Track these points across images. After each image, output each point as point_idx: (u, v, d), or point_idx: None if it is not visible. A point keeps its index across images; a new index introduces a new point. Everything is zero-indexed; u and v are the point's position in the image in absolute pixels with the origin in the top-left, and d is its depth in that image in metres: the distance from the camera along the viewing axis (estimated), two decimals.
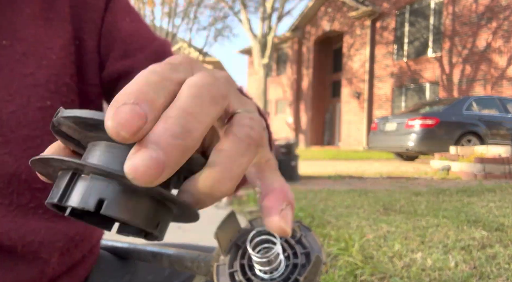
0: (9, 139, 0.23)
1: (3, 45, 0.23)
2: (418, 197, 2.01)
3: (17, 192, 0.23)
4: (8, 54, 0.23)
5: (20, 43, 0.23)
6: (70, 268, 0.28)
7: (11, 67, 0.23)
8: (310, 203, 1.78)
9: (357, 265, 0.89)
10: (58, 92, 0.24)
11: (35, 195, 0.24)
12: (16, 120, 0.23)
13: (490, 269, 0.84)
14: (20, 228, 0.23)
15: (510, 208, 1.61)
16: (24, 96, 0.23)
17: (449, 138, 4.52)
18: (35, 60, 0.23)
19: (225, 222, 0.24)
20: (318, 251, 0.23)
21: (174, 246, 0.34)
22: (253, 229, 0.24)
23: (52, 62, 0.24)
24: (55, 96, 0.24)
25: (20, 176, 0.23)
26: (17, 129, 0.23)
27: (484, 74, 7.26)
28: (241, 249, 0.24)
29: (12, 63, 0.23)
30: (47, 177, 0.12)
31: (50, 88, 0.24)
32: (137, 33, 0.28)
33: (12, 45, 0.23)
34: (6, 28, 0.23)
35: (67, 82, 0.25)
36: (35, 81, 0.23)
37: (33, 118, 0.23)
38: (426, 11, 8.44)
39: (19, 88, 0.23)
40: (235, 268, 0.23)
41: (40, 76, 0.23)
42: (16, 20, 0.23)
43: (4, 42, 0.23)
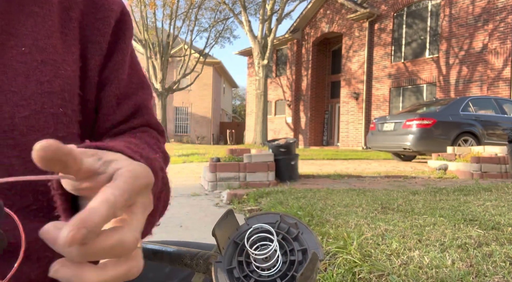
0: (19, 143, 0.23)
1: (22, 52, 0.24)
2: (416, 196, 2.02)
3: (21, 193, 0.24)
4: (26, 61, 0.24)
5: (39, 51, 0.24)
6: None
7: (28, 73, 0.24)
8: (309, 202, 1.78)
9: (355, 263, 0.90)
10: (71, 102, 0.25)
11: (37, 197, 0.24)
12: (28, 125, 0.23)
13: (487, 267, 0.85)
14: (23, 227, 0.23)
15: (506, 206, 1.63)
16: (38, 103, 0.24)
17: (446, 138, 4.56)
18: (52, 69, 0.25)
19: (223, 219, 0.24)
20: (315, 248, 0.23)
21: (174, 244, 0.34)
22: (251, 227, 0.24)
23: (67, 73, 0.25)
24: (67, 105, 0.25)
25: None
26: (28, 134, 0.23)
27: (481, 75, 7.33)
28: (239, 246, 0.24)
29: (30, 70, 0.24)
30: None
31: (64, 97, 0.25)
32: (129, 82, 0.30)
33: (31, 53, 0.24)
34: (27, 37, 0.24)
35: (78, 93, 0.26)
36: (50, 89, 0.24)
37: (45, 124, 0.24)
38: (424, 13, 8.51)
39: (34, 95, 0.24)
40: (233, 265, 0.23)
41: (56, 84, 0.25)
42: (37, 30, 0.25)
43: (23, 49, 0.24)
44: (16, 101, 0.23)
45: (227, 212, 0.25)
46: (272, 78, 12.45)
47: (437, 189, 2.36)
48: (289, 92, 11.70)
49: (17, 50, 0.24)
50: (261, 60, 9.59)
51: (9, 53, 0.24)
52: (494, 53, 7.00)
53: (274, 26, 9.73)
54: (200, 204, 2.21)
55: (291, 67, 11.58)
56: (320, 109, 11.39)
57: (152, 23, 12.38)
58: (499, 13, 6.99)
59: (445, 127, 4.59)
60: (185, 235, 1.50)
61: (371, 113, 9.28)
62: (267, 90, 10.02)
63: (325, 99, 11.44)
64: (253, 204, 2.03)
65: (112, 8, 0.29)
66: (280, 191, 2.23)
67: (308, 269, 0.21)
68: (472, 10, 7.49)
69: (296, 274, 0.22)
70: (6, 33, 0.24)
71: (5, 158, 0.23)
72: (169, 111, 15.97)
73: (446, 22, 7.91)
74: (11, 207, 0.24)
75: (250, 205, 2.01)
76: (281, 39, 11.51)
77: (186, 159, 5.49)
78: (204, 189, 2.81)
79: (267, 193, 2.18)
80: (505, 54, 6.84)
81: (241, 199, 2.20)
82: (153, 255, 0.32)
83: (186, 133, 16.99)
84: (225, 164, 2.69)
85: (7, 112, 0.23)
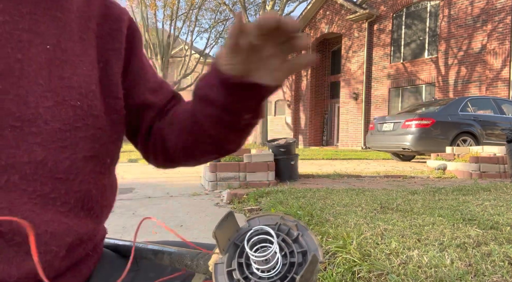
0: (42, 130, 0.25)
1: (47, 49, 0.26)
2: (415, 196, 2.03)
3: (41, 180, 0.25)
4: (50, 57, 0.26)
5: (61, 52, 0.27)
6: (74, 264, 0.29)
7: (50, 68, 0.26)
8: (309, 202, 1.79)
9: (355, 262, 0.90)
10: (87, 97, 0.28)
11: (56, 185, 0.26)
12: (51, 115, 0.26)
13: (485, 267, 0.85)
14: (36, 217, 0.25)
15: (504, 206, 1.64)
16: (60, 95, 0.26)
17: (445, 138, 4.57)
18: (71, 68, 0.28)
19: (223, 221, 0.24)
20: (315, 250, 0.23)
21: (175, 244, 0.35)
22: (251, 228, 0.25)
23: (84, 72, 0.28)
24: (84, 99, 0.28)
25: (46, 164, 0.25)
26: (51, 123, 0.26)
27: (479, 76, 7.35)
28: (239, 248, 0.24)
29: (52, 66, 0.27)
30: None
31: (81, 92, 0.28)
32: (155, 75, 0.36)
33: (54, 51, 0.27)
34: (51, 37, 0.27)
35: (93, 89, 0.29)
36: (70, 84, 0.27)
37: (66, 115, 0.26)
38: (423, 14, 8.53)
39: (56, 88, 0.26)
40: (233, 266, 0.24)
41: (74, 80, 0.27)
42: (59, 32, 0.28)
43: (48, 47, 0.26)
44: (40, 92, 0.25)
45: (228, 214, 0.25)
46: None
47: (436, 188, 2.37)
48: (289, 92, 11.72)
49: (42, 48, 0.26)
50: None
51: (35, 49, 0.26)
52: (492, 54, 7.02)
53: None
54: (200, 203, 2.21)
55: None
56: (320, 109, 11.40)
57: (152, 24, 12.38)
58: (497, 13, 7.01)
59: (444, 127, 4.60)
60: (186, 234, 1.50)
61: (370, 113, 9.29)
62: None
63: (324, 100, 11.45)
64: (253, 204, 2.03)
65: (123, 18, 0.33)
66: (280, 190, 2.23)
67: (308, 271, 0.21)
68: (471, 11, 7.51)
69: (296, 276, 0.22)
70: (33, 32, 0.26)
71: (28, 145, 0.24)
72: None
73: (445, 23, 7.93)
74: (32, 193, 0.25)
75: (250, 205, 2.02)
76: None
77: None
78: (205, 188, 2.82)
79: (267, 193, 2.18)
80: (503, 55, 6.86)
81: (241, 199, 2.20)
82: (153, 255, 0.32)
83: None
84: (225, 164, 2.69)
85: (32, 102, 0.25)
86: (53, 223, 0.25)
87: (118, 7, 0.33)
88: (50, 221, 0.25)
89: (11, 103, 0.24)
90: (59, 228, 0.26)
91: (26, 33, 0.26)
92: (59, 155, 0.26)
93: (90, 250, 0.30)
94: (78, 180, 0.27)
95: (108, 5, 0.32)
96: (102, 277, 0.31)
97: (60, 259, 0.26)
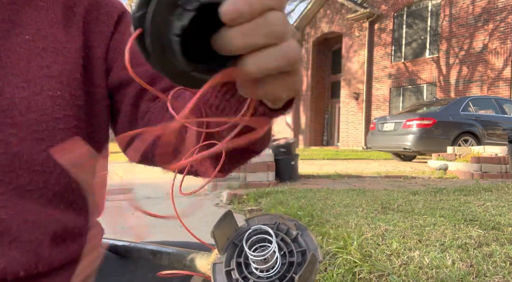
0: (17, 122, 0.25)
1: (26, 39, 0.26)
2: (416, 196, 2.02)
3: (17, 172, 0.25)
4: (29, 47, 0.26)
5: (41, 39, 0.27)
6: (69, 263, 0.28)
7: (30, 58, 0.26)
8: (309, 202, 1.78)
9: (355, 263, 0.90)
10: (69, 85, 0.27)
11: (33, 177, 0.25)
12: (27, 105, 0.25)
13: (487, 267, 0.85)
14: (14, 207, 0.24)
15: (506, 207, 1.63)
16: (38, 85, 0.26)
17: (446, 138, 4.55)
18: (52, 55, 0.27)
19: (222, 220, 0.24)
20: (314, 249, 0.23)
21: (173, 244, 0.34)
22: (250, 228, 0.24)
23: (66, 59, 0.28)
24: (65, 88, 0.27)
25: (22, 157, 0.25)
26: (26, 114, 0.25)
27: (481, 75, 7.33)
28: (237, 248, 0.24)
29: (32, 55, 0.26)
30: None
31: (62, 81, 0.27)
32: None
33: (33, 40, 0.26)
34: (30, 26, 0.27)
35: (77, 77, 0.28)
36: (50, 73, 0.26)
37: (43, 105, 0.26)
38: (424, 13, 8.51)
39: (34, 78, 0.26)
40: (232, 266, 0.23)
41: (55, 69, 0.27)
42: (40, 21, 0.27)
43: (27, 37, 0.26)
44: (17, 83, 0.25)
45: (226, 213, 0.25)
46: None
47: (437, 189, 2.36)
48: None
49: (22, 38, 0.26)
50: None
51: (13, 39, 0.26)
52: (494, 53, 7.00)
53: None
54: (200, 204, 2.21)
55: None
56: (320, 109, 11.39)
57: None
58: (499, 13, 6.99)
59: (445, 127, 4.59)
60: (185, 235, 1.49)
61: (371, 113, 9.27)
62: None
63: (325, 99, 11.44)
64: (253, 204, 2.03)
65: (115, 5, 0.32)
66: (280, 191, 2.23)
67: (307, 271, 0.21)
68: (472, 10, 7.49)
69: (295, 275, 0.22)
70: (12, 22, 0.26)
71: (3, 135, 0.24)
72: None
73: (446, 22, 7.91)
74: (8, 184, 0.24)
75: (250, 205, 2.01)
76: None
77: None
78: (204, 188, 2.82)
79: (267, 193, 2.18)
80: (505, 54, 6.84)
81: (241, 199, 2.20)
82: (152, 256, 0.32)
83: None
84: None
85: (8, 93, 0.25)
86: (33, 212, 0.25)
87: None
88: (31, 210, 0.25)
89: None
90: (40, 216, 0.25)
91: (4, 24, 0.26)
92: (35, 147, 0.25)
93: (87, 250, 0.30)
94: (56, 172, 0.26)
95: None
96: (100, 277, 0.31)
97: (47, 249, 0.25)
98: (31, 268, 0.25)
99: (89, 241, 0.31)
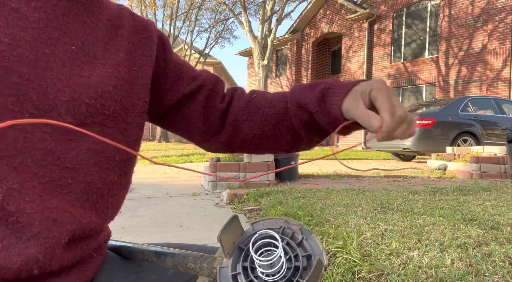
0: None
1: (71, 50, 0.29)
2: (415, 196, 2.02)
3: (50, 167, 0.27)
4: (73, 57, 0.29)
5: (84, 54, 0.30)
6: (78, 262, 0.29)
7: (72, 67, 0.29)
8: (309, 202, 1.79)
9: (355, 262, 0.90)
10: (102, 96, 0.30)
11: (63, 173, 0.28)
12: (66, 108, 0.28)
13: (486, 267, 0.85)
14: (42, 203, 0.26)
15: (505, 206, 1.64)
16: (77, 92, 0.29)
17: (446, 138, 4.56)
18: (90, 68, 0.30)
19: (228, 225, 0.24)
20: (320, 254, 0.23)
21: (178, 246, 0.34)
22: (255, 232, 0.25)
23: (101, 73, 0.31)
24: (98, 98, 0.30)
25: (55, 153, 0.27)
26: (64, 116, 0.28)
27: (480, 76, 7.34)
28: (243, 252, 0.24)
29: (74, 65, 0.29)
30: None
31: (97, 91, 0.30)
32: (187, 64, 0.40)
33: (77, 52, 0.30)
34: (77, 39, 0.30)
35: (109, 90, 0.31)
36: (88, 83, 0.29)
37: (79, 110, 0.29)
38: (423, 14, 8.52)
39: (75, 84, 0.29)
40: (238, 270, 0.23)
41: (92, 80, 0.30)
42: (85, 37, 0.31)
43: (73, 47, 0.29)
44: (60, 87, 0.28)
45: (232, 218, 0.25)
46: (272, 78, 12.46)
47: (437, 188, 2.37)
48: None
49: (68, 47, 0.29)
50: (261, 60, 9.59)
51: (61, 47, 0.28)
52: (493, 54, 7.01)
53: (274, 26, 9.74)
54: (200, 203, 2.21)
55: (291, 67, 11.58)
56: None
57: None
58: (498, 13, 7.00)
59: (445, 127, 4.60)
60: (186, 235, 1.50)
61: None
62: (267, 90, 10.01)
63: None
64: (253, 204, 2.03)
65: (151, 28, 0.37)
66: (280, 190, 2.23)
67: (313, 276, 0.21)
68: (472, 11, 7.50)
69: (301, 280, 0.22)
70: (62, 31, 0.29)
71: (41, 133, 0.27)
72: None
73: (445, 23, 7.92)
74: (42, 177, 0.26)
75: (250, 205, 2.01)
76: (281, 39, 11.51)
77: (187, 159, 5.49)
78: (204, 188, 2.82)
79: (267, 193, 2.18)
80: (504, 55, 6.85)
81: (241, 199, 2.20)
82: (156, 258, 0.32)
83: None
84: (225, 164, 2.69)
85: (51, 94, 0.27)
86: (57, 210, 0.27)
87: (146, 21, 0.37)
88: (55, 208, 0.27)
89: (33, 92, 0.26)
90: (62, 215, 0.27)
91: (56, 32, 0.28)
92: (66, 146, 0.28)
93: (94, 250, 0.31)
94: (83, 170, 0.29)
95: (137, 19, 0.36)
96: (105, 278, 0.31)
97: (62, 248, 0.26)
98: (45, 266, 0.25)
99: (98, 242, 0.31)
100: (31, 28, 0.27)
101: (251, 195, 2.16)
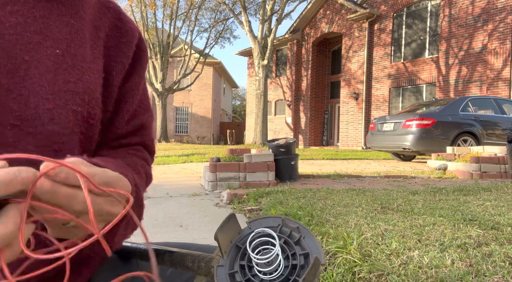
0: (39, 132, 0.26)
1: (56, 53, 0.27)
2: (415, 196, 2.02)
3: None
4: (58, 61, 0.27)
5: (70, 56, 0.28)
6: (76, 263, 0.29)
7: (57, 72, 0.27)
8: (309, 202, 1.79)
9: (355, 262, 0.90)
10: (89, 104, 0.29)
11: None
12: (50, 117, 0.26)
13: (486, 267, 0.85)
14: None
15: (505, 206, 1.63)
16: (62, 99, 0.27)
17: (446, 138, 4.56)
18: (79, 73, 0.28)
19: (225, 223, 0.24)
20: (317, 252, 0.23)
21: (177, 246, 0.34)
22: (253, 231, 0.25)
23: (90, 79, 0.29)
24: (85, 105, 0.28)
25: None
26: (48, 125, 0.26)
27: (480, 76, 7.34)
28: (241, 250, 0.24)
29: (59, 69, 0.27)
30: None
31: (84, 98, 0.28)
32: (140, 102, 0.35)
33: (63, 56, 0.27)
34: (62, 42, 0.28)
35: (97, 97, 0.29)
36: (75, 89, 0.28)
37: (65, 119, 0.27)
38: (423, 14, 8.52)
39: (60, 91, 0.27)
40: (235, 269, 0.24)
41: (80, 86, 0.28)
42: (71, 38, 0.28)
43: (57, 51, 0.27)
44: (42, 94, 0.26)
45: (229, 216, 0.25)
46: (272, 78, 12.46)
47: (437, 189, 2.36)
48: (289, 92, 11.71)
49: (52, 51, 0.27)
50: (261, 60, 9.60)
51: (44, 52, 0.27)
52: (493, 54, 7.01)
53: (274, 26, 9.74)
54: (200, 204, 2.21)
55: (291, 67, 11.58)
56: (320, 109, 11.39)
57: (152, 24, 12.39)
58: (498, 13, 7.00)
59: (445, 127, 4.59)
60: (185, 235, 1.49)
61: (370, 113, 9.29)
62: (267, 90, 10.03)
63: (325, 100, 11.45)
64: (253, 204, 2.03)
65: (134, 34, 0.34)
66: (280, 191, 2.23)
67: (311, 274, 0.21)
68: (472, 11, 7.50)
69: (298, 278, 0.22)
70: (44, 35, 0.27)
71: (25, 144, 0.25)
72: (169, 111, 15.96)
73: (445, 23, 7.92)
74: None
75: (250, 205, 2.01)
76: (281, 39, 11.51)
77: (186, 159, 5.49)
78: (204, 188, 2.81)
79: (267, 193, 2.18)
80: (504, 55, 6.85)
81: (241, 199, 2.20)
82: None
83: (186, 133, 17.00)
84: (225, 164, 2.69)
85: (32, 103, 0.25)
86: None
87: (132, 24, 0.34)
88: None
89: (13, 102, 0.25)
90: None
91: (37, 36, 0.26)
92: (51, 157, 0.26)
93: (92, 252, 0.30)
94: None
95: (122, 19, 0.33)
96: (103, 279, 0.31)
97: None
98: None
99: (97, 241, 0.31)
100: (7, 34, 0.25)
101: (251, 195, 2.16)
